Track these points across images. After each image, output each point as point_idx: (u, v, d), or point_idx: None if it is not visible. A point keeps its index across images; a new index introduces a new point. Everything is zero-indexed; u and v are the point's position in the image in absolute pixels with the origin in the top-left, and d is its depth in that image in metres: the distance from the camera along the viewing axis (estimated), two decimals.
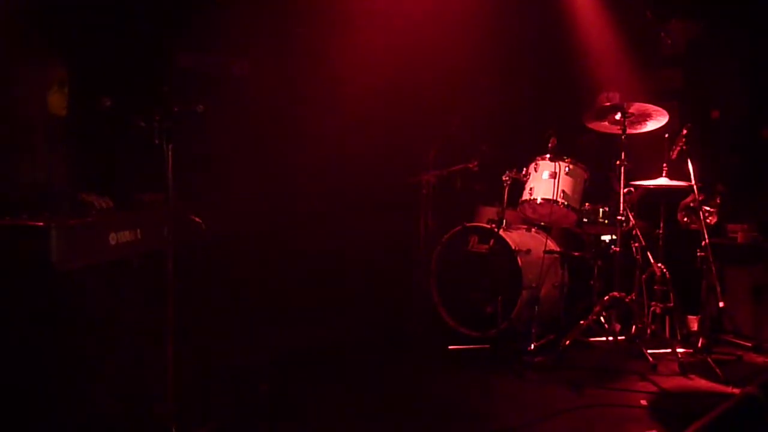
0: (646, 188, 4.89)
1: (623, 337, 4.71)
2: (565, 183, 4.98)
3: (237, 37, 5.24)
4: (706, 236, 4.48)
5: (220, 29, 5.03)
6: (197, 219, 3.64)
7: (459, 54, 5.93)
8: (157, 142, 2.93)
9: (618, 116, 4.69)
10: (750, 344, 4.83)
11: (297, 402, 3.86)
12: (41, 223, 2.82)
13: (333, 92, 5.72)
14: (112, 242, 3.15)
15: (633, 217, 4.79)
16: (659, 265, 4.80)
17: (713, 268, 4.44)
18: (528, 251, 5.05)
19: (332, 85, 5.72)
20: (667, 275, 4.81)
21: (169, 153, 2.95)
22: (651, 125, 4.82)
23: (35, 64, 3.56)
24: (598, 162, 5.20)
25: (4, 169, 3.31)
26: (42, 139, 3.51)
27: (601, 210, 5.15)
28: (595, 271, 4.99)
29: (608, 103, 4.96)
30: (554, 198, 4.96)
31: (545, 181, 4.99)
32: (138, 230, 3.33)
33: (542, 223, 5.30)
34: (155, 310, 3.07)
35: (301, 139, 5.67)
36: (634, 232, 4.82)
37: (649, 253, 4.82)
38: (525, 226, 5.39)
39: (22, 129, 3.45)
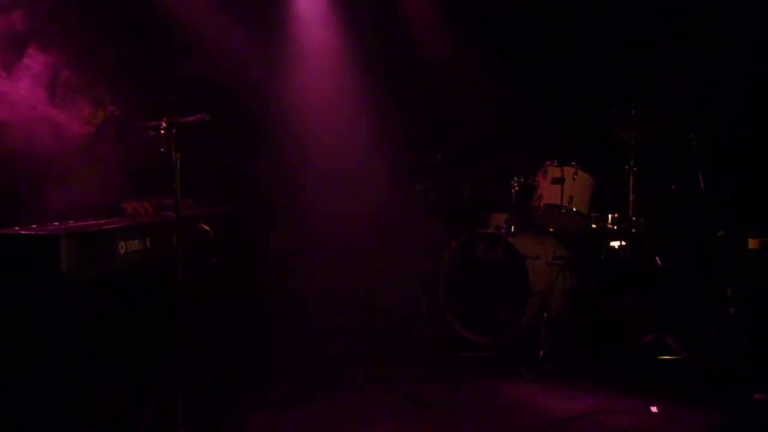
0: (656, 193, 4.89)
1: (633, 344, 4.68)
2: (572, 189, 4.98)
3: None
4: (715, 242, 4.46)
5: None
6: (206, 227, 3.66)
7: (467, 57, 5.96)
8: (163, 150, 2.96)
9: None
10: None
11: (303, 408, 3.87)
12: (51, 233, 2.85)
13: (338, 95, 5.75)
14: (122, 251, 3.17)
15: (643, 222, 4.78)
16: (669, 270, 4.78)
17: (724, 274, 4.43)
18: (537, 257, 5.04)
19: (337, 87, 5.76)
20: (677, 281, 4.78)
21: (177, 161, 2.98)
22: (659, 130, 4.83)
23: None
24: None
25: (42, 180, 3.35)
26: (78, 150, 3.57)
27: (610, 215, 5.14)
28: (605, 277, 4.97)
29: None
30: (562, 204, 4.95)
31: (553, 187, 4.99)
32: (147, 239, 3.35)
33: (551, 229, 5.29)
34: (164, 318, 3.09)
35: (306, 143, 5.69)
36: (644, 237, 4.80)
37: (658, 259, 4.80)
38: (534, 232, 5.39)
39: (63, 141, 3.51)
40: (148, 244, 3.32)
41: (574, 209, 4.97)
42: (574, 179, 4.99)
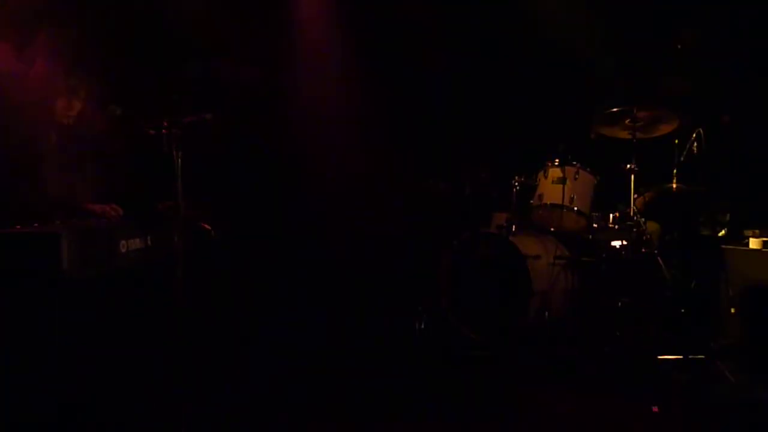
0: (658, 193, 4.89)
1: (634, 344, 4.68)
2: (574, 188, 4.98)
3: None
4: (716, 242, 4.47)
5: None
6: (207, 226, 3.66)
7: (469, 57, 5.96)
8: (165, 150, 2.96)
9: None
10: None
11: (302, 408, 3.87)
12: (52, 231, 2.85)
13: (338, 94, 5.75)
14: (123, 250, 3.17)
15: (644, 222, 4.77)
16: (670, 270, 4.78)
17: (725, 274, 4.43)
18: (537, 257, 5.04)
19: (337, 86, 5.76)
20: (679, 281, 4.78)
21: (178, 161, 2.98)
22: (662, 130, 4.83)
23: (49, 69, 3.56)
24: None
25: (11, 180, 3.32)
26: (49, 150, 3.52)
27: (611, 215, 5.14)
28: (606, 277, 4.97)
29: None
30: (563, 203, 4.95)
31: (554, 186, 4.99)
32: (148, 238, 3.35)
33: (552, 229, 5.29)
34: (165, 318, 3.09)
35: (308, 142, 5.69)
36: (645, 237, 4.80)
37: (660, 259, 4.79)
38: (535, 232, 5.38)
39: (31, 138, 3.46)
40: (149, 242, 3.32)
41: (576, 209, 4.97)
42: (575, 179, 4.99)
